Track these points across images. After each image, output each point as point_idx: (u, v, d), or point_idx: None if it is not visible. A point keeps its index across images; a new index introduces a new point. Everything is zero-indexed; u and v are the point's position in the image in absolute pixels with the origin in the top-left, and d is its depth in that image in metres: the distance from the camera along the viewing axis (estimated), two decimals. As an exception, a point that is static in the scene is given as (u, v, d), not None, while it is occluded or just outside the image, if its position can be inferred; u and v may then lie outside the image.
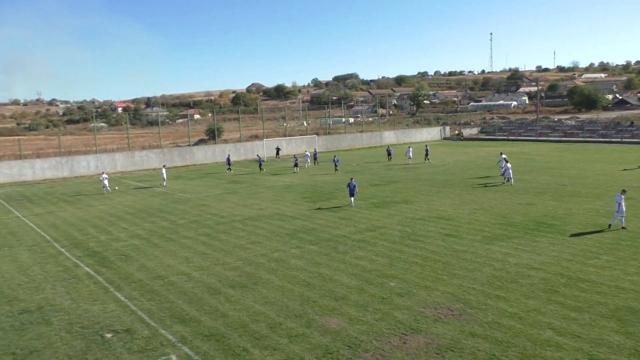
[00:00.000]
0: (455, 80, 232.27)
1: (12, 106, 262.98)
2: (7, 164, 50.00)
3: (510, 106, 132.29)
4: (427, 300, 14.96)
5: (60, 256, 21.72)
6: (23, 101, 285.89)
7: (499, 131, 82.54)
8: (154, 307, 15.45)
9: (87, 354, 12.60)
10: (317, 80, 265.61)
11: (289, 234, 23.67)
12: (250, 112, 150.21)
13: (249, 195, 35.45)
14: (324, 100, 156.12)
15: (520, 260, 18.37)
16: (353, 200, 29.63)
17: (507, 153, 56.37)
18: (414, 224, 24.51)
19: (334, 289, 16.22)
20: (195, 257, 20.64)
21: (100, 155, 54.92)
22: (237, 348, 12.50)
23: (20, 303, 16.30)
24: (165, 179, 42.14)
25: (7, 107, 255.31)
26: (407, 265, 18.34)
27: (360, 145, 74.59)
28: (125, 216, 29.78)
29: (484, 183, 36.07)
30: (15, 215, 31.54)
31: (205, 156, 60.91)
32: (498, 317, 13.58)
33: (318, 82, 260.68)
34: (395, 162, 51.91)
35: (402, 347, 12.20)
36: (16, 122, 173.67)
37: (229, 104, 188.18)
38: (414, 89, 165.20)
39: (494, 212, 26.42)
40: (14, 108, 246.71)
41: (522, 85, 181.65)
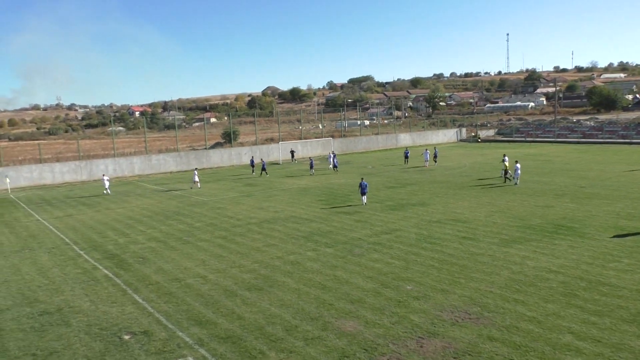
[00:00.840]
0: (471, 81, 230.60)
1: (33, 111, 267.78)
2: (28, 167, 50.88)
3: (527, 107, 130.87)
4: (444, 304, 14.84)
5: (79, 258, 22.02)
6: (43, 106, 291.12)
7: (516, 133, 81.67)
8: (171, 309, 15.57)
9: (105, 355, 12.74)
10: (333, 83, 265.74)
11: (304, 237, 23.69)
12: (266, 115, 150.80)
13: (265, 198, 35.57)
14: (340, 103, 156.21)
15: (538, 263, 18.14)
16: (365, 199, 30.93)
17: (524, 155, 55.89)
18: (430, 227, 24.35)
19: (349, 292, 16.18)
20: (211, 259, 20.76)
21: (118, 158, 55.59)
22: (254, 350, 12.54)
23: (40, 305, 16.55)
24: (198, 181, 42.33)
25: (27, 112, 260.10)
26: (423, 268, 18.23)
27: (376, 148, 74.41)
28: (142, 219, 30.09)
29: (498, 184, 35.71)
30: (36, 218, 32.06)
31: (222, 159, 61.29)
32: (516, 321, 13.41)
33: (333, 85, 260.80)
34: (411, 165, 51.66)
35: (419, 351, 12.11)
36: (36, 126, 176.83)
37: (245, 107, 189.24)
38: (429, 91, 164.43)
39: (511, 215, 26.13)
40: (34, 113, 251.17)
41: (539, 86, 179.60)
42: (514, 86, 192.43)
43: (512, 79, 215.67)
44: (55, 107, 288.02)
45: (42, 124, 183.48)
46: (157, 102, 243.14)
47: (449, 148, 69.18)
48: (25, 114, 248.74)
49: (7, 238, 26.79)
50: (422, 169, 47.49)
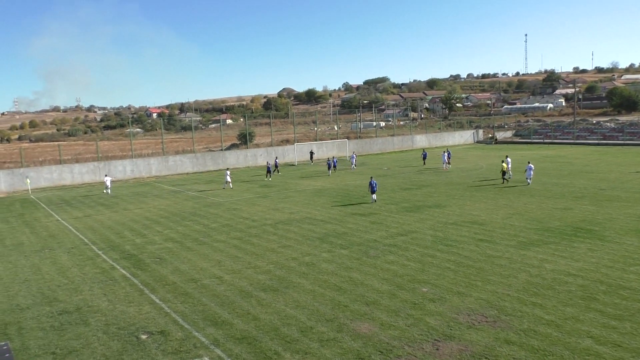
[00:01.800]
0: (488, 82, 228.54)
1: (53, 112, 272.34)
2: (48, 168, 51.71)
3: (546, 109, 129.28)
4: (461, 307, 14.72)
5: (97, 258, 22.31)
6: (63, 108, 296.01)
7: (534, 134, 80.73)
8: (188, 309, 15.68)
9: (123, 354, 12.88)
10: (348, 84, 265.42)
11: (319, 238, 23.69)
12: (282, 117, 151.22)
13: (280, 199, 35.66)
14: (355, 104, 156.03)
15: (557, 266, 17.90)
16: (374, 197, 32.34)
17: (543, 157, 55.26)
18: (447, 229, 24.19)
19: (365, 294, 16.14)
20: (227, 260, 20.88)
21: (136, 159, 56.22)
22: (269, 351, 12.57)
23: (59, 304, 16.79)
24: (230, 182, 42.52)
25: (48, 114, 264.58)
26: (439, 270, 18.10)
27: (392, 149, 74.17)
28: (159, 220, 30.38)
29: (513, 184, 35.34)
30: (55, 219, 32.56)
31: (237, 160, 61.63)
32: (534, 325, 13.25)
33: (349, 86, 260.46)
34: (428, 166, 51.37)
35: (435, 354, 12.03)
36: (56, 128, 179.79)
37: (261, 108, 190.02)
38: (446, 92, 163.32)
39: (529, 217, 25.83)
40: (55, 114, 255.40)
41: (558, 87, 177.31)
42: (532, 87, 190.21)
43: (531, 80, 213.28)
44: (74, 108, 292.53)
45: (62, 126, 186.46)
46: (174, 104, 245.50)
47: (465, 149, 68.65)
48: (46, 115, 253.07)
49: (27, 238, 27.26)
50: (437, 171, 47.15)
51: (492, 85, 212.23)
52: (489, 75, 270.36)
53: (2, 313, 16.19)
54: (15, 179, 48.65)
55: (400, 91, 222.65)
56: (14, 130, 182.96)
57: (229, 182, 42.37)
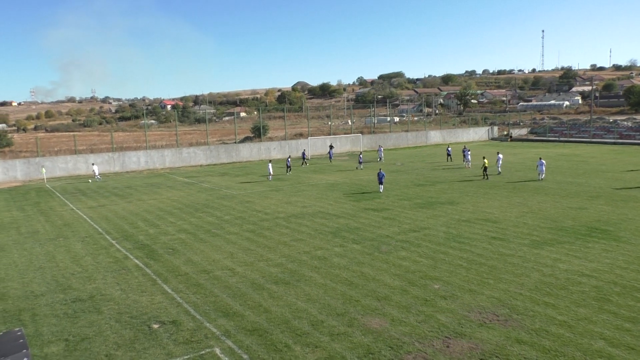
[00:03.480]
0: (504, 79, 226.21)
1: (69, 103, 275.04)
2: (63, 158, 52.30)
3: (562, 106, 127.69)
4: (472, 304, 14.64)
5: (111, 248, 22.54)
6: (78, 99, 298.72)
7: (549, 132, 79.85)
8: (199, 300, 15.80)
9: (134, 343, 13.02)
10: (363, 79, 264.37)
11: (332, 232, 23.69)
12: (295, 111, 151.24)
13: (293, 193, 35.71)
14: (369, 99, 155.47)
15: (570, 266, 17.71)
16: (382, 188, 34.21)
17: (558, 155, 54.62)
18: (460, 226, 24.04)
19: (376, 289, 16.12)
20: (239, 252, 20.97)
21: (150, 151, 56.61)
22: (279, 344, 12.62)
23: (73, 292, 17.01)
24: (272, 174, 42.68)
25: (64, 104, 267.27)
26: (451, 267, 18.02)
27: (405, 145, 73.84)
28: (173, 211, 30.59)
29: (527, 182, 35.00)
30: (70, 208, 32.94)
31: (251, 153, 61.79)
32: (546, 325, 13.14)
33: (363, 81, 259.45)
34: (441, 162, 51.08)
35: (445, 351, 11.99)
36: (72, 118, 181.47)
37: (275, 102, 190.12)
38: (461, 88, 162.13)
39: (543, 216, 25.58)
40: (70, 105, 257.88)
41: (575, 85, 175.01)
42: (548, 84, 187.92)
43: (547, 77, 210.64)
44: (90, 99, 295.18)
45: (78, 116, 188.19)
46: (188, 96, 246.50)
47: (479, 146, 68.08)
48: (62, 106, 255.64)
49: (42, 226, 27.61)
50: (450, 167, 46.82)
51: (508, 82, 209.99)
52: (505, 71, 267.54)
53: (17, 299, 16.44)
54: (31, 168, 49.28)
55: (415, 86, 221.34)
56: (30, 120, 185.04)
57: (272, 173, 42.55)
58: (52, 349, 12.83)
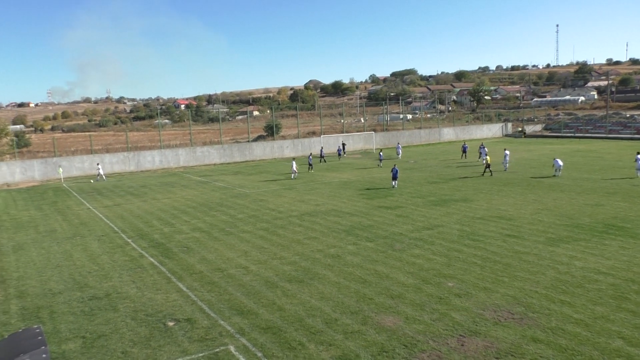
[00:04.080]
0: (518, 75, 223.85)
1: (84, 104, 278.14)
2: (80, 158, 52.93)
3: (577, 102, 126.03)
4: (487, 302, 14.55)
5: (126, 246, 22.78)
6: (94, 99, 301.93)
7: (564, 128, 78.91)
8: (214, 298, 15.90)
9: (150, 340, 13.16)
10: (375, 77, 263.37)
11: (345, 230, 23.69)
12: (308, 109, 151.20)
13: (306, 191, 35.75)
14: (382, 97, 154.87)
15: (587, 264, 17.51)
16: (395, 183, 35.13)
17: (573, 151, 53.99)
18: (474, 223, 23.89)
19: (390, 287, 16.09)
20: (253, 250, 21.06)
21: (164, 150, 57.05)
22: (293, 342, 12.66)
23: (90, 290, 17.23)
24: (296, 172, 42.96)
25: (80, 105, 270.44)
26: (465, 265, 17.92)
27: (418, 142, 73.50)
28: (187, 209, 30.81)
29: (542, 179, 34.63)
30: (87, 207, 33.34)
31: (264, 152, 61.97)
32: (562, 323, 13.01)
33: (376, 78, 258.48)
34: (455, 159, 50.76)
35: (460, 350, 11.94)
36: (88, 119, 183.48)
37: (287, 100, 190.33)
38: (474, 85, 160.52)
39: (558, 213, 25.31)
40: (86, 105, 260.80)
41: (590, 80, 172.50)
42: (563, 80, 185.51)
43: (562, 72, 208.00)
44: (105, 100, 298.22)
45: (93, 116, 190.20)
46: (201, 95, 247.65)
47: (493, 143, 67.53)
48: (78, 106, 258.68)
49: (60, 225, 27.99)
50: (464, 164, 46.49)
51: (522, 78, 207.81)
52: (519, 67, 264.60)
53: (36, 297, 16.70)
54: (48, 168, 49.97)
55: (428, 83, 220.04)
56: (47, 120, 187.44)
57: (296, 171, 42.74)
58: (70, 346, 13.02)
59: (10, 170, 48.41)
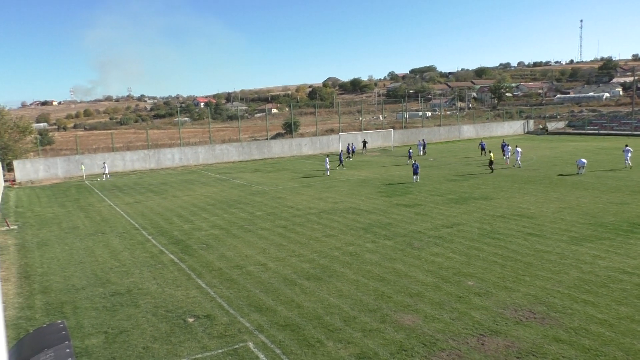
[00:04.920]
0: (540, 71, 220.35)
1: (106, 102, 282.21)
2: (101, 156, 53.71)
3: (601, 98, 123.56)
4: (507, 302, 14.36)
5: (147, 243, 23.05)
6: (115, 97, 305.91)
7: (588, 125, 77.45)
8: (233, 295, 16.00)
9: (170, 336, 13.30)
10: (394, 74, 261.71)
11: (363, 228, 23.62)
12: (326, 106, 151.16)
13: (324, 188, 35.74)
14: (401, 94, 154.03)
15: (611, 263, 17.17)
16: (417, 178, 36.29)
17: (597, 148, 52.97)
18: (494, 222, 23.61)
19: (408, 285, 15.99)
20: (271, 248, 21.13)
21: (184, 148, 57.58)
22: (312, 339, 12.67)
23: (112, 286, 17.48)
24: (329, 169, 43.07)
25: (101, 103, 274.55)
26: (485, 264, 17.72)
27: (438, 140, 72.88)
28: (206, 207, 31.05)
29: (565, 176, 34.03)
30: (108, 204, 33.83)
31: (282, 150, 62.11)
32: (585, 323, 12.78)
33: (395, 75, 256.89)
34: (475, 157, 50.20)
35: (480, 349, 11.81)
36: (109, 116, 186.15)
37: (306, 98, 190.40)
38: (495, 81, 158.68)
39: (582, 211, 24.86)
40: (107, 104, 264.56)
41: (615, 76, 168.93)
42: (587, 76, 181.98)
43: (585, 68, 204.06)
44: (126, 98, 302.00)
45: (115, 115, 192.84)
46: (220, 93, 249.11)
47: (514, 140, 66.59)
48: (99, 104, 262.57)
49: (82, 222, 28.46)
50: (484, 162, 45.87)
51: (544, 74, 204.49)
52: (541, 63, 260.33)
53: (59, 293, 17.00)
54: (71, 166, 50.84)
55: (448, 80, 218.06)
56: (69, 118, 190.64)
57: (329, 169, 42.79)
58: (93, 341, 13.22)
59: (34, 168, 49.37)
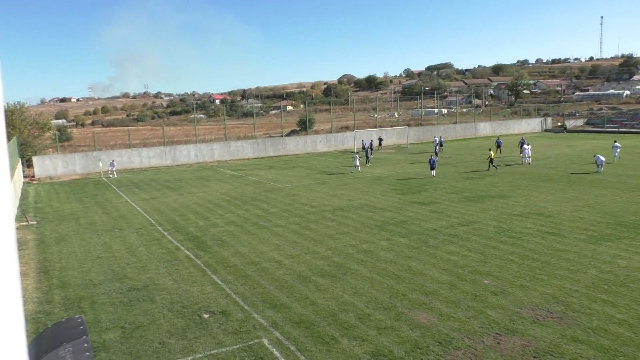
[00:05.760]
0: (559, 68, 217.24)
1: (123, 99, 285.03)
2: (119, 152, 54.31)
3: (622, 96, 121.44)
4: (524, 301, 14.20)
5: (163, 239, 23.25)
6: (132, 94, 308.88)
7: (608, 123, 76.21)
8: (247, 291, 16.06)
9: (186, 331, 13.39)
10: (409, 71, 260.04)
11: (378, 226, 23.54)
12: (341, 103, 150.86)
13: (339, 186, 35.69)
14: (416, 91, 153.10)
15: (631, 262, 16.87)
16: (433, 172, 36.92)
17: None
18: (511, 220, 23.36)
19: (423, 283, 15.90)
20: (286, 245, 21.17)
21: (200, 144, 57.93)
22: (326, 336, 12.66)
23: (128, 281, 17.66)
24: (358, 165, 42.93)
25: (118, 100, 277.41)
26: (502, 262, 17.54)
27: (454, 137, 72.31)
28: (221, 203, 31.22)
29: (584, 174, 33.52)
30: (125, 200, 34.19)
31: (297, 147, 62.14)
32: (604, 323, 12.58)
33: (410, 72, 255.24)
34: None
35: (496, 348, 11.69)
36: (126, 113, 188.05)
37: (321, 95, 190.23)
38: (512, 78, 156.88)
39: (601, 210, 24.48)
40: (125, 100, 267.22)
41: (636, 73, 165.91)
42: (607, 73, 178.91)
43: (605, 65, 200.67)
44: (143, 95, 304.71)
45: (131, 111, 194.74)
46: (236, 90, 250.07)
47: (532, 138, 65.84)
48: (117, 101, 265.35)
49: (100, 217, 28.80)
50: (502, 159, 45.41)
51: (563, 71, 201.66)
52: (560, 60, 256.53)
53: (77, 288, 17.23)
54: (89, 162, 51.47)
55: (464, 77, 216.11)
56: (87, 115, 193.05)
57: (358, 165, 42.72)
58: (110, 336, 13.37)
59: (53, 164, 50.09)
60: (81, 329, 10.39)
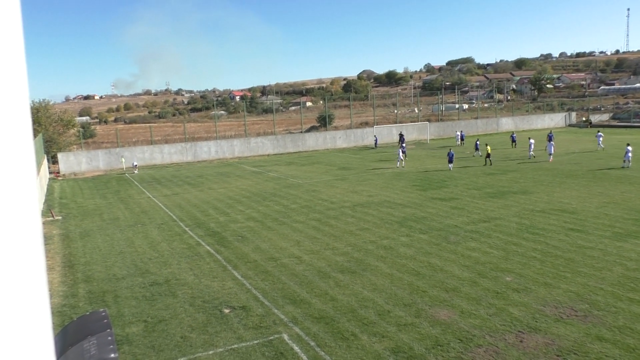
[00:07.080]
0: (583, 61, 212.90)
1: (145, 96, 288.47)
2: (141, 149, 55.02)
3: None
4: (547, 298, 13.99)
5: (184, 234, 23.50)
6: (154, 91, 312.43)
7: (634, 117, 74.46)
8: (268, 286, 16.14)
9: (207, 326, 13.53)
10: (430, 66, 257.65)
11: (398, 222, 23.42)
12: (361, 99, 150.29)
13: (359, 182, 35.61)
14: (437, 86, 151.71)
15: (658, 260, 16.49)
16: (451, 166, 38.07)
17: (643, 141, 50.88)
18: (533, 216, 23.02)
19: (444, 280, 15.78)
20: (306, 240, 21.21)
21: (220, 141, 58.32)
22: (346, 332, 12.66)
23: (151, 276, 17.90)
24: (402, 159, 42.57)
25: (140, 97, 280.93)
26: (524, 259, 17.30)
27: (475, 132, 71.45)
28: (241, 199, 31.41)
29: (609, 170, 32.82)
30: (147, 196, 34.64)
31: (317, 143, 62.14)
32: (631, 322, 12.33)
33: (431, 68, 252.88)
34: (513, 150, 49.04)
35: (519, 346, 11.55)
36: (148, 110, 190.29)
37: (340, 91, 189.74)
38: (535, 73, 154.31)
39: (627, 207, 23.97)
40: (146, 98, 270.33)
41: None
42: (633, 66, 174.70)
43: (632, 58, 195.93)
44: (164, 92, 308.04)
45: (153, 108, 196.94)
46: (256, 87, 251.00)
47: (556, 133, 64.67)
48: (139, 98, 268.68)
49: (122, 213, 29.24)
50: (524, 155, 44.71)
51: (588, 65, 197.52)
52: (584, 54, 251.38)
53: (101, 282, 17.54)
54: (112, 158, 52.25)
55: (485, 72, 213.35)
56: (110, 112, 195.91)
57: (402, 159, 42.49)
58: (133, 330, 13.58)
59: (77, 160, 50.98)
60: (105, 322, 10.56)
